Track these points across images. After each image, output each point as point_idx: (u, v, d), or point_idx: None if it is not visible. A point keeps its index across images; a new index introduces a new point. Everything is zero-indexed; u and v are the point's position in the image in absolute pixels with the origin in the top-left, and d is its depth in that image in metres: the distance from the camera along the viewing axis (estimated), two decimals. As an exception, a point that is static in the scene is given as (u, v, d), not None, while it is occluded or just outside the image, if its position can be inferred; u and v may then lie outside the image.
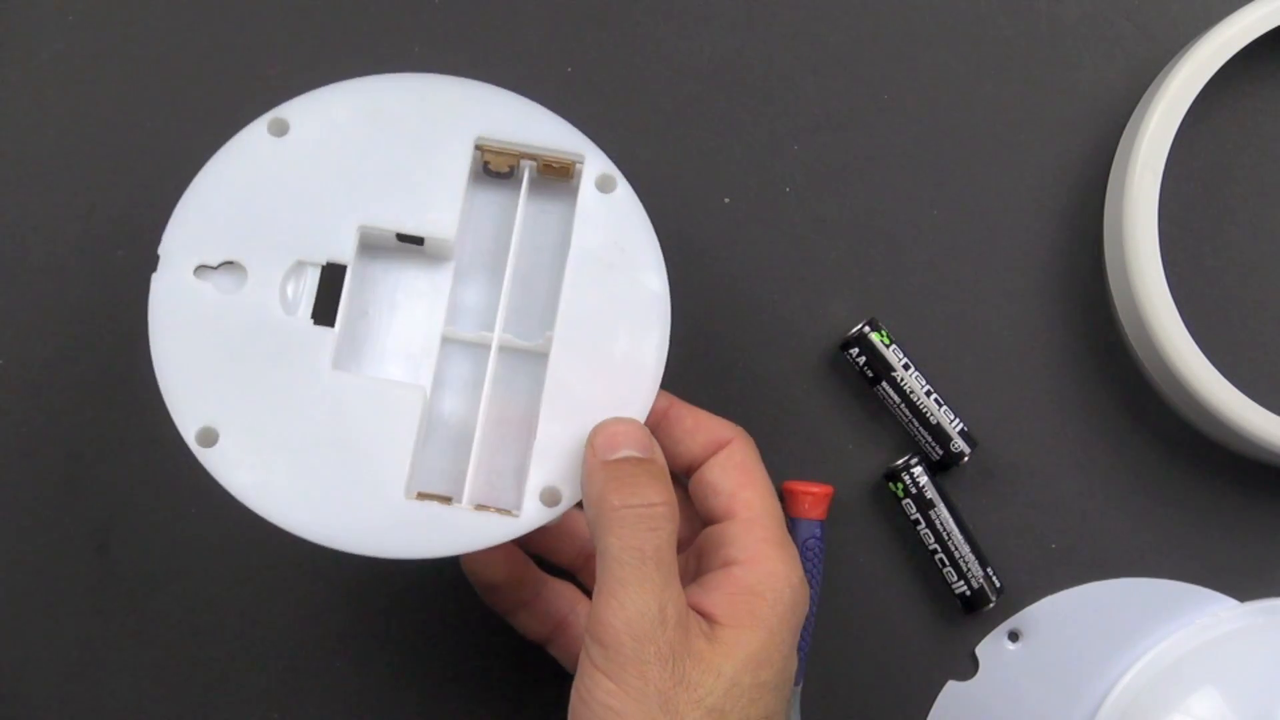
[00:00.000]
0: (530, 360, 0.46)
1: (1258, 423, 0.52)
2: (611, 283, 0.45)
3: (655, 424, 0.47)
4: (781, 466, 0.55)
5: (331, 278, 0.45)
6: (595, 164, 0.46)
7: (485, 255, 0.48)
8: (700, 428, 0.47)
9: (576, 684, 0.42)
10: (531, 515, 0.44)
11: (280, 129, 0.46)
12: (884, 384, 0.54)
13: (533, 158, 0.47)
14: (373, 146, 0.46)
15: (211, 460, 0.43)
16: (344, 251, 0.45)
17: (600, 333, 0.45)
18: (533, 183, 0.47)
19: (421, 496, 0.44)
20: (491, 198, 0.48)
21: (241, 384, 0.43)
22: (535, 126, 0.46)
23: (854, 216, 0.56)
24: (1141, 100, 0.55)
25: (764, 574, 0.44)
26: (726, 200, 0.56)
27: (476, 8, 0.56)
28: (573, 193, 0.46)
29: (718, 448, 0.47)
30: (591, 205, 0.46)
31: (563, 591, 0.50)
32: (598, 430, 0.44)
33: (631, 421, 0.44)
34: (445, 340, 0.46)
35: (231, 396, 0.43)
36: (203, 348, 0.44)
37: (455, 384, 0.46)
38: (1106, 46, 0.56)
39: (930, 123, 0.56)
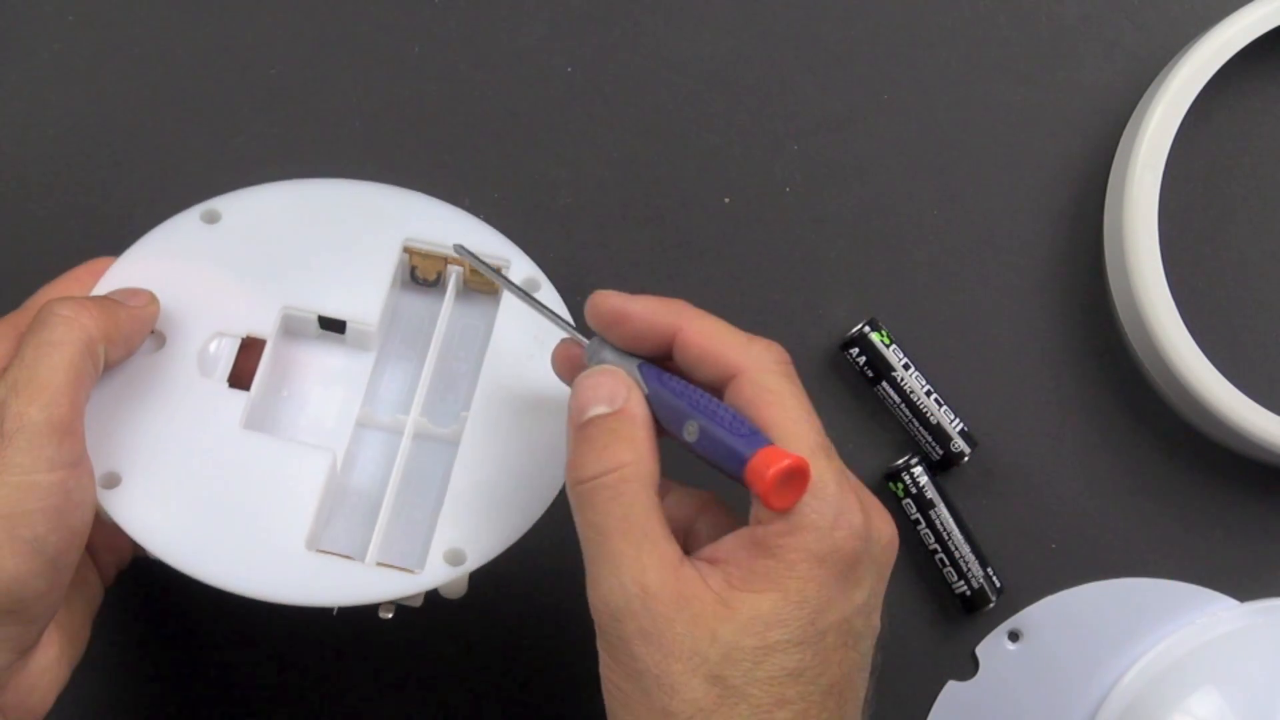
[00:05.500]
0: (444, 448, 0.47)
1: (1258, 423, 0.52)
2: (528, 373, 0.46)
3: (663, 353, 0.42)
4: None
5: (253, 351, 0.46)
6: (521, 268, 0.48)
7: (407, 350, 0.49)
8: (706, 358, 0.41)
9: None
10: (434, 573, 0.44)
11: (212, 218, 0.47)
12: (884, 384, 0.54)
13: (459, 262, 0.48)
14: (302, 240, 0.47)
15: (111, 502, 0.43)
16: (265, 328, 0.46)
17: (514, 414, 0.46)
18: (459, 291, 0.48)
19: (322, 553, 0.44)
20: (418, 302, 0.49)
21: (150, 435, 0.44)
22: (463, 232, 0.47)
23: (854, 216, 0.56)
24: (1141, 100, 0.55)
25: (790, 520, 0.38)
26: (726, 200, 0.56)
27: (477, 8, 0.56)
28: (498, 303, 0.47)
29: (726, 380, 0.41)
30: (515, 302, 0.46)
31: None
32: (574, 390, 0.42)
33: (606, 372, 0.41)
34: (360, 425, 0.47)
35: (139, 445, 0.44)
36: (114, 399, 0.44)
37: (368, 466, 0.47)
38: (1106, 46, 0.56)
39: (930, 123, 0.56)
